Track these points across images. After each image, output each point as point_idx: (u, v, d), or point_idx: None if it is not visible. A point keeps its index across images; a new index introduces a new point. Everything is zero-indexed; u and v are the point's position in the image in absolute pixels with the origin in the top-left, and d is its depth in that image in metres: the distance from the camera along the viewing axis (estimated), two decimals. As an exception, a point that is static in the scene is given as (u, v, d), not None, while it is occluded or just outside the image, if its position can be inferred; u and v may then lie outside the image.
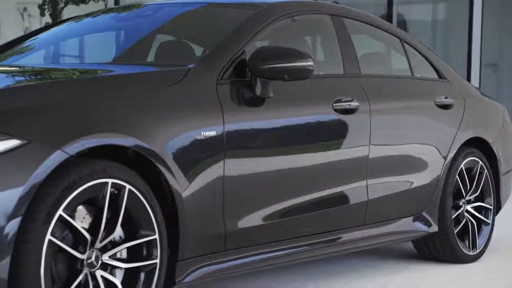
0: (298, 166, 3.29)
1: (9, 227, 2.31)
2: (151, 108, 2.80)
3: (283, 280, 3.68)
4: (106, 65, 3.48)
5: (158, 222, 2.72)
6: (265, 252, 3.19)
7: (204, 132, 2.89)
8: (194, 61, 3.16)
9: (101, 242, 2.59)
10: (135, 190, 2.66)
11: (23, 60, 3.76)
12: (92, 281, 2.55)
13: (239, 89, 3.07)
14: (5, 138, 2.35)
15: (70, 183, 2.48)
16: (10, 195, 2.32)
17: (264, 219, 3.15)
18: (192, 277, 2.87)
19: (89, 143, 2.54)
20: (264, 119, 3.14)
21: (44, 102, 2.56)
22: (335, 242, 3.53)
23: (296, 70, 3.11)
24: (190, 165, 2.84)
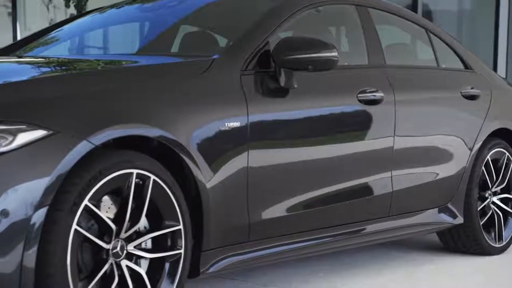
0: (322, 157, 3.28)
1: (36, 216, 2.33)
2: (175, 99, 2.80)
3: (306, 272, 3.68)
4: (130, 56, 3.50)
5: (183, 212, 2.73)
6: (289, 243, 3.19)
7: (228, 123, 2.89)
8: (219, 52, 3.16)
9: (126, 232, 2.60)
10: (160, 181, 2.67)
11: (48, 52, 3.79)
12: (118, 271, 2.57)
13: (263, 80, 3.07)
14: (31, 129, 2.37)
15: (96, 173, 2.49)
16: (36, 185, 2.34)
17: (288, 210, 3.15)
18: (216, 267, 2.88)
19: (114, 133, 2.55)
20: (288, 110, 3.14)
21: (70, 93, 2.57)
22: (359, 233, 3.51)
23: (321, 61, 3.10)
24: (214, 156, 2.85)
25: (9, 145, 2.33)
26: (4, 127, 2.34)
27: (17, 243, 2.30)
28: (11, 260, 2.29)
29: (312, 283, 3.48)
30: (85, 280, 2.51)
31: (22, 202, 2.31)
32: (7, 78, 2.71)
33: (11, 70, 3.06)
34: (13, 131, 2.35)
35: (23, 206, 2.31)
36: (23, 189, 2.32)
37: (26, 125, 2.37)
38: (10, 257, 2.29)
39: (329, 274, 3.65)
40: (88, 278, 2.52)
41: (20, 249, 2.30)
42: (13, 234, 2.30)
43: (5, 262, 2.28)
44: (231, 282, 3.45)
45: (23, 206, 2.31)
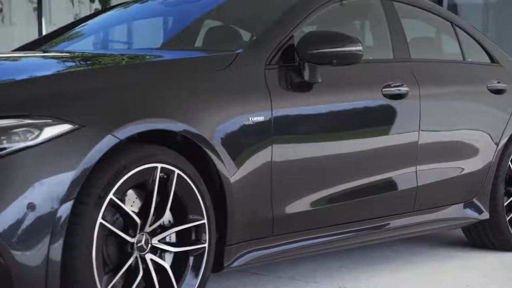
0: (346, 152, 3.27)
1: (62, 210, 2.35)
2: (199, 93, 2.81)
3: (330, 266, 3.67)
4: (154, 51, 3.51)
5: (207, 206, 2.74)
6: (313, 238, 3.18)
7: (252, 117, 2.89)
8: (242, 46, 3.16)
9: (150, 226, 2.62)
10: (184, 175, 2.68)
11: (73, 46, 3.82)
12: (142, 265, 2.59)
13: (287, 74, 3.06)
14: (57, 123, 2.39)
15: (121, 167, 2.51)
16: (62, 178, 2.36)
17: (312, 204, 3.14)
18: (240, 262, 2.88)
19: (138, 128, 2.56)
20: (312, 104, 3.13)
21: (95, 88, 2.59)
22: (383, 228, 3.50)
23: (345, 55, 3.08)
24: (238, 150, 2.85)
25: (35, 139, 2.35)
26: (30, 121, 2.36)
27: (44, 236, 2.32)
28: (37, 253, 2.31)
29: (335, 277, 3.47)
30: (110, 274, 2.52)
31: (48, 195, 2.33)
32: (33, 72, 2.73)
33: (37, 65, 3.09)
34: (39, 125, 2.37)
35: (49, 200, 2.33)
36: (49, 183, 2.34)
37: (52, 119, 2.38)
38: (37, 250, 2.31)
39: (352, 268, 3.64)
40: (113, 271, 2.53)
41: (46, 242, 2.32)
42: (39, 227, 2.32)
43: (31, 255, 2.30)
44: (254, 277, 3.45)
45: (49, 200, 2.33)
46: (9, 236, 2.27)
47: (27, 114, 2.37)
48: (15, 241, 2.28)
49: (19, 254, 2.28)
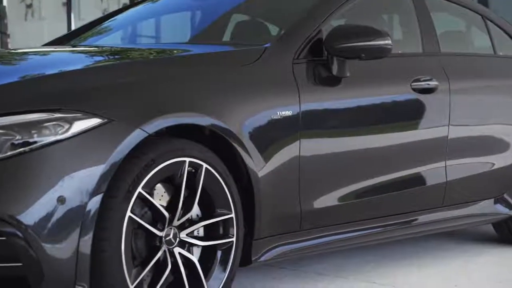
0: (374, 147, 3.25)
1: (91, 203, 2.37)
2: (227, 87, 2.81)
3: (358, 261, 3.65)
4: (182, 45, 3.52)
5: (234, 201, 2.74)
6: (340, 233, 3.17)
7: (280, 111, 2.89)
8: (270, 40, 3.15)
9: (178, 220, 2.63)
10: (212, 169, 2.68)
11: (101, 41, 3.84)
12: (170, 258, 2.60)
13: (315, 68, 3.05)
14: (87, 117, 2.41)
15: (149, 161, 2.52)
16: (92, 172, 2.38)
17: (340, 199, 3.13)
18: (267, 256, 2.88)
19: (167, 122, 2.57)
20: (341, 98, 3.11)
21: (124, 82, 2.60)
22: (411, 223, 3.47)
23: (374, 49, 3.06)
24: (266, 145, 2.84)
25: (65, 133, 2.37)
26: (60, 115, 2.38)
27: (73, 230, 2.34)
28: (67, 246, 2.33)
29: (363, 272, 3.46)
30: (138, 267, 2.54)
31: (78, 189, 2.35)
32: (63, 67, 2.75)
33: (67, 59, 3.11)
34: (69, 119, 2.39)
35: (79, 193, 2.35)
36: (78, 177, 2.36)
37: (82, 113, 2.40)
38: (67, 243, 2.33)
39: (380, 264, 3.62)
40: (142, 265, 2.55)
41: (76, 235, 2.34)
42: (69, 221, 2.34)
43: (62, 248, 2.32)
44: (282, 271, 3.45)
45: (79, 193, 2.35)
46: (39, 229, 2.29)
47: (57, 108, 2.39)
48: (46, 234, 2.30)
49: (50, 247, 2.30)
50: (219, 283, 2.70)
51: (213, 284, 2.69)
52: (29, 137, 2.34)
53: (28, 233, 2.28)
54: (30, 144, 2.33)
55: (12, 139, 2.33)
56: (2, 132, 2.33)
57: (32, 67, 2.88)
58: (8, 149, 2.32)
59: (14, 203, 2.28)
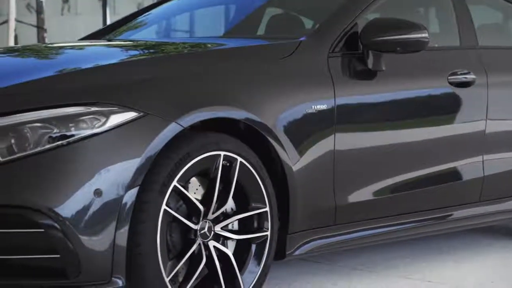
0: (410, 141, 3.22)
1: (127, 197, 2.39)
2: (262, 81, 2.80)
3: (393, 256, 3.63)
4: (217, 39, 3.52)
5: (269, 195, 2.74)
6: (375, 228, 3.15)
7: (315, 105, 2.88)
8: (305, 34, 3.14)
9: (213, 213, 2.63)
10: (246, 163, 2.68)
11: (136, 35, 3.87)
12: (205, 251, 2.61)
13: (351, 62, 3.03)
14: (123, 111, 2.42)
15: (184, 155, 2.53)
16: (128, 166, 2.40)
17: (375, 194, 3.11)
18: (302, 250, 2.88)
19: (202, 116, 2.58)
20: (376, 92, 3.09)
21: (159, 76, 2.61)
22: (447, 219, 3.44)
23: (410, 42, 3.03)
24: (301, 139, 2.84)
25: (102, 126, 2.39)
26: (97, 109, 2.40)
27: (110, 222, 2.36)
28: (104, 238, 2.35)
29: (398, 267, 3.43)
30: (174, 260, 2.55)
31: (114, 182, 2.37)
32: (99, 61, 2.77)
33: (103, 54, 3.14)
34: (105, 112, 2.41)
35: (115, 187, 2.37)
36: (115, 170, 2.38)
37: (118, 107, 2.42)
38: (103, 235, 2.35)
39: (416, 259, 3.59)
40: (177, 258, 2.56)
41: (112, 228, 2.36)
42: (105, 214, 2.36)
43: (98, 240, 2.35)
44: (316, 265, 3.45)
45: (115, 187, 2.37)
46: (77, 222, 2.32)
47: (94, 102, 2.41)
48: (83, 227, 2.33)
49: (87, 239, 2.33)
50: (253, 276, 2.71)
51: (247, 277, 2.69)
52: (67, 130, 2.36)
53: (66, 225, 2.31)
54: (67, 138, 2.36)
55: (50, 132, 2.36)
56: (40, 125, 2.36)
57: (69, 61, 2.91)
58: (46, 143, 2.35)
59: (52, 196, 2.31)
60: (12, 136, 2.34)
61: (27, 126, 2.35)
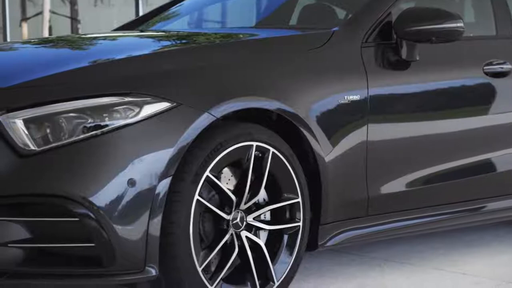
0: (444, 132, 3.18)
1: (160, 186, 2.40)
2: (294, 72, 2.80)
3: (425, 248, 3.60)
4: (249, 29, 3.51)
5: (301, 185, 2.74)
6: (408, 219, 3.13)
7: (348, 96, 2.86)
8: (338, 24, 3.12)
9: (245, 204, 2.64)
10: (279, 154, 2.68)
11: (169, 26, 3.88)
12: (237, 242, 2.61)
13: (384, 52, 3.00)
14: (156, 101, 2.44)
15: (217, 145, 2.53)
16: (161, 156, 2.41)
17: (408, 185, 3.09)
18: (334, 241, 2.87)
19: (234, 106, 2.58)
20: (410, 83, 3.06)
21: (192, 66, 2.62)
22: (480, 211, 3.40)
23: (445, 32, 2.99)
24: (333, 129, 2.82)
25: (135, 117, 2.41)
26: (131, 99, 2.42)
27: (143, 212, 2.38)
28: (137, 228, 2.37)
29: (431, 259, 3.41)
30: (206, 250, 2.57)
31: (147, 172, 2.39)
32: (132, 52, 2.79)
33: (136, 45, 3.16)
34: (139, 103, 2.42)
35: (148, 176, 2.39)
36: (148, 160, 2.39)
37: (151, 97, 2.43)
38: (137, 225, 2.37)
39: (449, 251, 3.56)
40: (209, 248, 2.57)
41: (146, 217, 2.38)
42: (139, 203, 2.38)
43: (132, 229, 2.36)
44: (348, 256, 3.44)
45: (148, 176, 2.39)
46: (111, 211, 2.34)
47: (128, 92, 2.43)
48: (116, 216, 2.35)
49: (121, 228, 2.35)
50: (285, 267, 2.71)
51: (279, 268, 2.69)
52: (101, 120, 2.38)
53: (100, 215, 2.33)
54: (101, 128, 2.38)
55: (85, 122, 2.38)
56: (75, 115, 2.38)
57: (102, 52, 2.94)
58: (81, 132, 2.37)
59: (86, 185, 2.33)
60: (47, 126, 2.37)
61: (62, 116, 2.38)
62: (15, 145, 2.35)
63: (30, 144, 2.36)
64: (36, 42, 3.39)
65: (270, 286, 2.67)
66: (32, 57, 2.99)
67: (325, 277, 3.13)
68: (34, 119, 2.37)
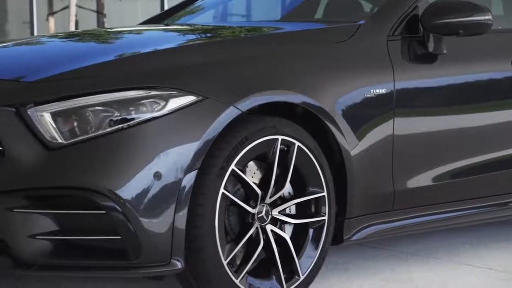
0: (471, 126, 3.15)
1: (186, 180, 2.41)
2: (320, 65, 2.79)
3: (452, 243, 3.57)
4: (274, 23, 3.51)
5: (326, 179, 2.73)
6: (435, 213, 3.11)
7: (374, 89, 2.84)
8: (364, 17, 3.10)
9: (271, 197, 2.64)
10: (304, 147, 2.67)
11: (194, 20, 3.89)
12: (263, 235, 2.61)
13: (411, 45, 2.98)
14: (182, 94, 2.44)
15: (242, 139, 2.53)
16: (186, 149, 2.41)
17: (434, 179, 3.06)
18: (359, 235, 2.86)
19: (260, 100, 2.58)
20: (437, 76, 3.03)
21: (217, 60, 2.62)
22: (508, 205, 3.36)
23: (473, 25, 2.96)
24: (359, 123, 2.81)
25: (161, 110, 2.42)
26: (157, 93, 2.43)
27: (169, 205, 2.39)
28: (163, 220, 2.38)
29: (458, 254, 3.38)
30: (231, 243, 2.57)
31: (173, 165, 2.39)
32: (158, 46, 2.81)
33: (161, 38, 3.17)
34: (165, 96, 2.43)
35: (174, 170, 2.40)
36: (174, 153, 2.40)
37: (177, 91, 2.44)
38: (163, 218, 2.38)
39: (476, 246, 3.53)
40: (235, 241, 2.58)
41: (171, 210, 2.39)
42: (165, 196, 2.39)
43: (158, 222, 2.38)
44: (374, 251, 3.42)
45: (174, 170, 2.40)
46: (137, 204, 2.35)
47: (154, 86, 2.44)
48: (143, 209, 2.36)
49: (147, 221, 2.36)
50: (310, 261, 2.70)
51: (304, 262, 2.69)
52: (127, 114, 2.40)
53: (126, 207, 2.34)
54: (128, 121, 2.39)
55: (111, 115, 2.39)
56: (101, 109, 2.40)
57: (128, 46, 2.95)
58: (107, 126, 2.39)
59: (113, 178, 2.35)
60: (74, 119, 2.39)
61: (89, 110, 2.39)
62: (43, 138, 2.38)
63: (57, 137, 2.38)
64: (63, 36, 3.42)
65: (296, 280, 2.67)
66: (58, 51, 3.02)
67: (351, 271, 3.12)
68: (61, 112, 2.39)
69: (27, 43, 3.21)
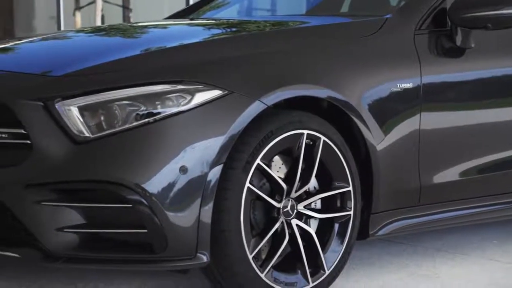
0: (499, 121, 3.12)
1: (212, 174, 2.41)
2: (346, 59, 2.77)
3: (478, 238, 3.54)
4: (300, 17, 3.50)
5: (352, 174, 2.72)
6: (461, 209, 3.08)
7: (400, 84, 2.82)
8: (391, 11, 3.08)
9: (296, 192, 2.63)
10: (330, 142, 2.67)
11: (219, 15, 3.89)
12: (288, 230, 2.61)
13: (438, 39, 2.95)
14: (208, 89, 2.45)
15: (268, 133, 2.53)
16: (212, 143, 2.42)
17: (461, 174, 3.04)
18: (385, 230, 2.85)
19: (285, 94, 2.57)
20: (464, 71, 3.00)
21: (243, 54, 2.62)
22: (536, 201, 3.32)
23: (502, 18, 2.92)
24: (385, 118, 2.79)
25: (187, 104, 2.42)
26: (183, 87, 2.43)
27: (195, 199, 2.40)
28: (189, 214, 2.39)
29: (485, 250, 3.35)
30: (257, 237, 2.57)
31: (199, 159, 2.40)
32: (184, 40, 2.81)
33: (187, 33, 3.18)
34: (191, 90, 2.43)
35: (200, 164, 2.40)
36: (200, 147, 2.41)
37: (203, 85, 2.44)
38: (189, 212, 2.39)
39: (503, 242, 3.50)
40: (260, 235, 2.58)
41: (197, 204, 2.39)
42: (191, 190, 2.39)
43: (184, 216, 2.38)
44: (399, 246, 3.41)
45: (199, 164, 2.40)
46: (163, 198, 2.36)
47: (180, 80, 2.45)
48: (169, 203, 2.37)
49: (173, 215, 2.37)
50: (336, 255, 2.70)
51: (330, 256, 2.69)
52: (153, 108, 2.41)
53: (153, 201, 2.35)
54: (154, 115, 2.40)
55: (137, 110, 2.40)
56: (128, 103, 2.41)
57: (154, 40, 2.96)
58: (134, 120, 2.40)
59: (139, 172, 2.36)
60: (101, 114, 2.41)
61: (116, 104, 2.40)
62: (71, 132, 2.40)
63: (84, 131, 2.40)
64: (89, 30, 3.44)
65: (321, 274, 2.67)
66: (85, 46, 3.04)
67: (376, 266, 3.11)
68: (88, 106, 2.41)
69: (54, 38, 3.24)
